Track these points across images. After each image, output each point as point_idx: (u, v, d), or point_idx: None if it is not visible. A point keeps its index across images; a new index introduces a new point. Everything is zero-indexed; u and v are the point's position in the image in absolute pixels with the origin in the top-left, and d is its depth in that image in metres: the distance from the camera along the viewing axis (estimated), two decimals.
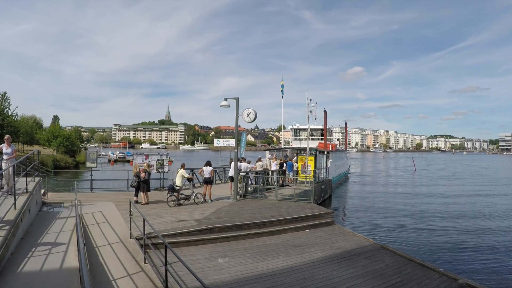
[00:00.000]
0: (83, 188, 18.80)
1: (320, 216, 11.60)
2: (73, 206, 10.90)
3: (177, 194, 12.51)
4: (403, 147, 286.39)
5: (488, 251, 12.39)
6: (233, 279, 6.57)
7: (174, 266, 6.42)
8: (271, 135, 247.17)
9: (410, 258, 8.24)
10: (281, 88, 32.45)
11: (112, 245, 7.61)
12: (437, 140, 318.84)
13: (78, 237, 5.69)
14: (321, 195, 20.00)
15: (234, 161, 14.50)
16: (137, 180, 12.29)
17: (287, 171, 19.39)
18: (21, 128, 47.22)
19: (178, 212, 11.17)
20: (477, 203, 23.89)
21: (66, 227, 8.61)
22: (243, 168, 15.71)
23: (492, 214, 19.56)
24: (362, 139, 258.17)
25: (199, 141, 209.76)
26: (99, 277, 5.88)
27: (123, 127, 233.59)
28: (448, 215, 19.22)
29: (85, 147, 64.59)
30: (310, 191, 14.42)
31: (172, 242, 7.88)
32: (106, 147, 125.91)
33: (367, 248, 8.98)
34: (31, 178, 10.76)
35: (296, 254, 8.24)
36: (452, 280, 6.95)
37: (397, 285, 6.66)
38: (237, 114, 13.68)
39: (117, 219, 9.89)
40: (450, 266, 10.16)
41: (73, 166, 46.54)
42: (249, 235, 9.62)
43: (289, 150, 29.08)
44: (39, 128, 62.78)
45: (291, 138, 33.45)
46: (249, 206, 12.56)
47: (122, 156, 65.33)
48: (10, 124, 40.23)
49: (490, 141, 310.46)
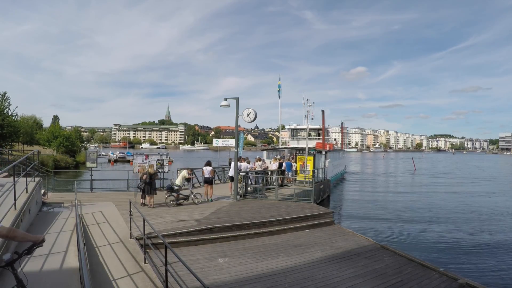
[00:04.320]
0: (83, 188, 18.79)
1: (320, 216, 11.61)
2: (73, 206, 10.89)
3: (176, 194, 12.50)
4: (403, 147, 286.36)
5: (488, 250, 12.40)
6: (233, 279, 6.57)
7: (174, 266, 6.41)
8: (271, 135, 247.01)
9: (410, 258, 8.25)
10: (278, 88, 32.49)
11: (112, 245, 7.61)
12: (437, 140, 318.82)
13: (78, 237, 5.69)
14: (320, 194, 20.00)
15: (234, 161, 14.51)
16: (142, 181, 12.15)
17: (286, 171, 19.39)
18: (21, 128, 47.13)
19: (178, 212, 11.17)
20: (477, 203, 23.88)
21: (66, 227, 8.60)
22: (243, 168, 15.71)
23: (492, 214, 19.56)
24: (362, 139, 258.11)
25: (199, 141, 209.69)
26: (99, 277, 5.88)
27: (123, 127, 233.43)
28: (448, 214, 19.22)
29: (85, 147, 64.52)
30: (310, 191, 14.42)
31: (172, 242, 7.88)
32: (106, 147, 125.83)
33: (367, 248, 8.98)
34: (31, 178, 10.75)
35: (296, 254, 8.24)
36: (452, 280, 6.95)
37: (397, 285, 6.66)
38: (237, 114, 13.68)
39: (117, 219, 9.88)
40: (450, 266, 10.16)
41: (73, 166, 46.51)
42: (249, 235, 9.62)
43: (286, 150, 29.10)
44: (39, 128, 62.64)
45: (289, 138, 33.49)
46: (249, 206, 12.57)
47: (122, 156, 65.19)
48: (10, 124, 40.14)
49: (490, 141, 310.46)
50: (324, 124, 28.72)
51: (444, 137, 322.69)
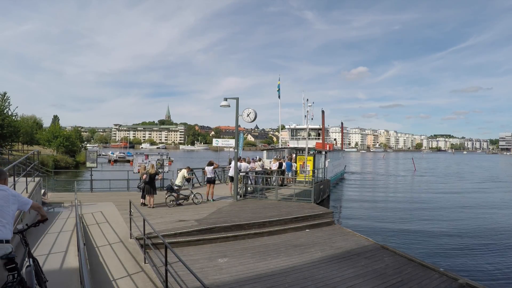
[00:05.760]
0: (83, 188, 18.79)
1: (320, 216, 11.61)
2: (73, 206, 10.90)
3: (176, 194, 12.50)
4: (403, 147, 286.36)
5: (488, 250, 12.38)
6: (233, 279, 6.57)
7: (174, 266, 6.41)
8: (271, 135, 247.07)
9: (410, 258, 8.25)
10: (277, 88, 32.49)
11: (112, 245, 7.62)
12: (437, 140, 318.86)
13: (78, 237, 5.69)
14: (320, 194, 20.00)
15: (234, 161, 14.52)
16: (142, 181, 12.14)
17: (286, 171, 19.40)
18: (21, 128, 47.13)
19: (178, 212, 11.17)
20: (477, 202, 23.86)
21: (66, 227, 8.61)
22: (243, 168, 15.72)
23: (492, 214, 19.54)
24: (362, 139, 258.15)
25: (199, 141, 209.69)
26: (99, 277, 5.88)
27: (123, 127, 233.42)
28: (448, 214, 19.20)
29: (85, 147, 64.48)
30: (310, 191, 14.42)
31: (172, 242, 7.87)
32: (106, 147, 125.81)
33: (367, 248, 8.98)
34: (31, 178, 10.76)
35: (296, 254, 8.24)
36: (452, 280, 6.95)
37: (397, 285, 6.66)
38: (237, 114, 13.68)
39: (117, 219, 9.89)
40: (450, 266, 10.16)
41: (73, 166, 46.52)
42: (249, 235, 9.62)
43: (286, 150, 29.11)
44: (39, 128, 62.67)
45: (289, 138, 33.49)
46: (249, 206, 12.56)
47: (122, 156, 65.18)
48: (10, 124, 40.18)
49: (490, 141, 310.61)
50: (324, 124, 28.73)
51: (444, 137, 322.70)
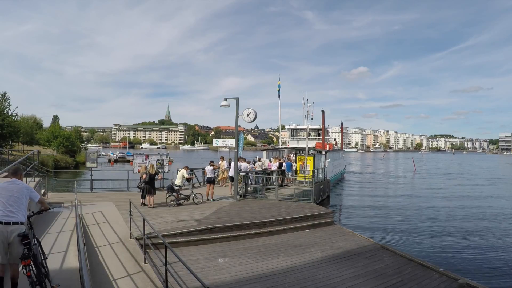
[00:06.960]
0: (83, 188, 18.79)
1: (320, 216, 11.60)
2: (73, 206, 10.88)
3: (176, 194, 12.50)
4: (403, 147, 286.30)
5: (488, 250, 12.39)
6: (233, 279, 6.57)
7: (174, 266, 6.41)
8: (271, 135, 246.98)
9: (410, 258, 8.25)
10: (277, 88, 32.53)
11: (112, 245, 7.61)
12: (437, 140, 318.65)
13: (78, 237, 5.69)
14: (320, 195, 20.00)
15: (234, 161, 14.53)
16: (142, 181, 12.12)
17: (286, 171, 19.40)
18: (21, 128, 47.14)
19: (178, 212, 11.17)
20: (477, 202, 23.87)
21: (66, 227, 8.60)
22: (243, 168, 15.72)
23: (492, 214, 19.55)
24: (362, 139, 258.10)
25: (199, 141, 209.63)
26: (99, 277, 5.88)
27: (123, 127, 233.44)
28: (448, 214, 19.21)
29: (85, 147, 64.49)
30: (310, 191, 14.42)
31: (172, 242, 7.87)
32: (106, 147, 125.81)
33: (367, 248, 8.98)
34: (31, 178, 10.77)
35: (296, 254, 8.24)
36: (452, 280, 6.95)
37: (397, 285, 6.66)
38: (237, 114, 13.68)
39: (117, 219, 9.88)
40: (450, 266, 10.15)
41: (73, 166, 46.52)
42: (249, 235, 9.62)
43: (286, 150, 29.11)
44: (39, 128, 62.66)
45: (289, 138, 33.52)
46: (249, 206, 12.56)
47: (122, 156, 65.22)
48: (10, 124, 40.19)
49: (490, 141, 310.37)
50: (324, 124, 28.74)
51: (444, 137, 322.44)
